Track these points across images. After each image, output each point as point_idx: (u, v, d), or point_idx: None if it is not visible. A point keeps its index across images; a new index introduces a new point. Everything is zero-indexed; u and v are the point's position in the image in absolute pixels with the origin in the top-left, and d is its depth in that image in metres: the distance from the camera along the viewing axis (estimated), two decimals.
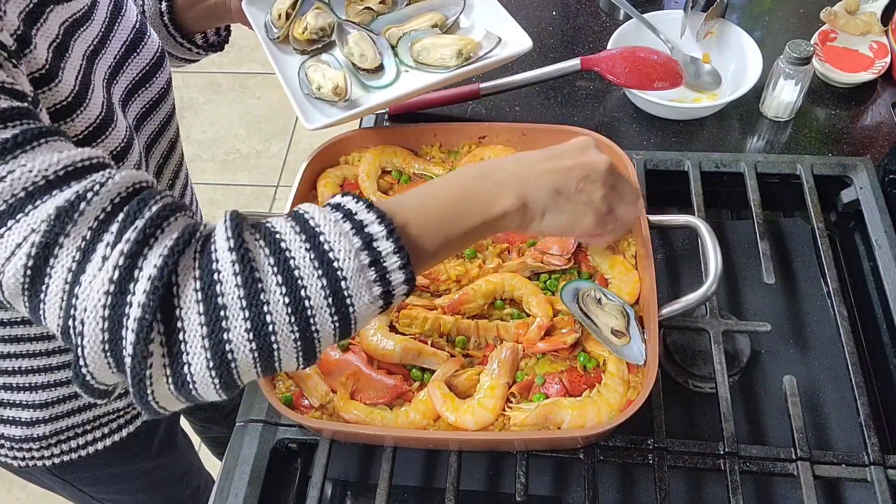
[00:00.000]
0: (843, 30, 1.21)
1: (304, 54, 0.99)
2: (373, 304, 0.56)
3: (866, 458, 0.79)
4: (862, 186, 1.01)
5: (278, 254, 0.53)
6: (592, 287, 0.82)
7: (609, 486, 0.85)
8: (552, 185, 0.65)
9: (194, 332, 0.51)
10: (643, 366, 0.77)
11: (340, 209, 0.57)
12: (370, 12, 0.99)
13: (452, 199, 0.62)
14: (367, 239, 0.55)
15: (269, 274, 0.52)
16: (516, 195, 0.63)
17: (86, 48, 0.74)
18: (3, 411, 0.87)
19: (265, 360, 0.54)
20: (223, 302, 0.51)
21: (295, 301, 0.52)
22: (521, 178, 0.64)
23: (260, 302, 0.52)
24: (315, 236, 0.54)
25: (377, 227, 0.55)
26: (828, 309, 0.96)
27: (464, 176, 0.65)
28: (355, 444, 0.88)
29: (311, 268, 0.53)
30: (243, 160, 2.71)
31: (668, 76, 1.08)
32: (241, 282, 0.51)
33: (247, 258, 0.52)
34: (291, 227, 0.55)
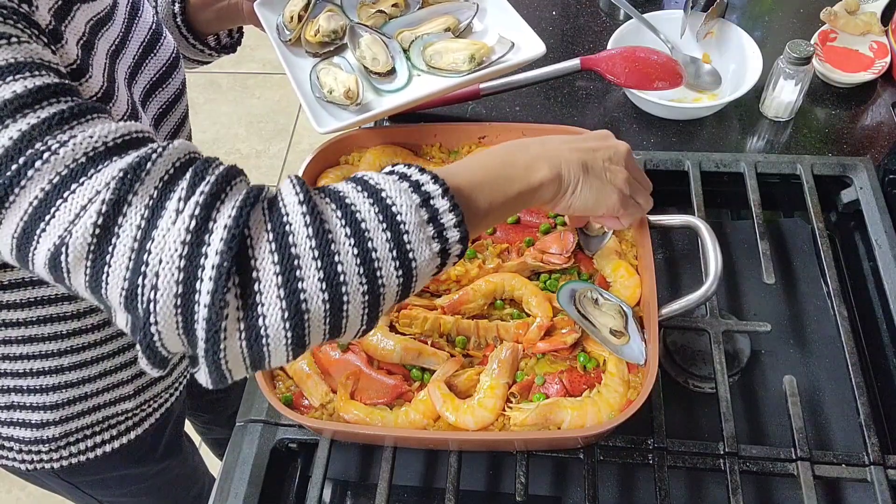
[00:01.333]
0: (843, 30, 1.21)
1: (315, 57, 0.98)
2: (431, 262, 0.57)
3: (866, 458, 0.79)
4: (862, 186, 1.01)
5: (344, 208, 0.55)
6: (589, 287, 0.81)
7: (609, 486, 0.85)
8: (582, 161, 0.69)
9: (269, 281, 0.52)
10: (643, 366, 0.77)
11: (395, 173, 0.59)
12: (383, 15, 0.99)
13: (496, 167, 0.65)
14: (424, 196, 0.57)
15: (337, 226, 0.54)
16: (551, 167, 0.67)
17: (108, 47, 0.74)
18: (12, 414, 0.86)
19: (335, 313, 0.54)
20: (296, 252, 0.52)
21: (363, 252, 0.54)
22: (553, 152, 0.68)
23: (331, 252, 0.53)
24: (377, 192, 0.56)
25: (433, 187, 0.58)
26: (828, 309, 0.96)
27: (503, 148, 0.68)
28: (355, 444, 0.88)
29: (377, 221, 0.55)
30: (243, 160, 2.71)
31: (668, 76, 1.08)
32: (311, 233, 0.53)
33: (316, 211, 0.53)
34: (353, 187, 0.57)
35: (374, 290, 0.55)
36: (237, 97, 2.89)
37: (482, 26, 1.00)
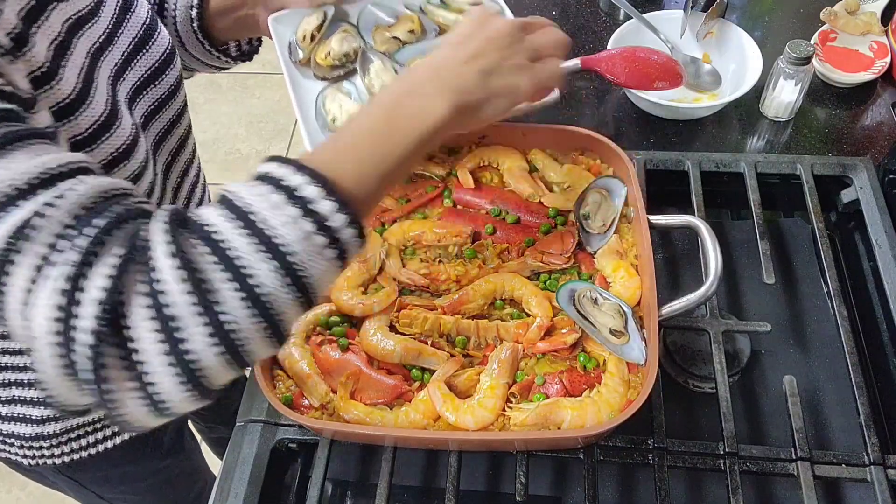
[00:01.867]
0: (843, 30, 1.21)
1: (323, 80, 0.94)
2: (330, 267, 0.54)
3: (866, 458, 0.79)
4: (862, 186, 1.01)
5: (217, 248, 0.51)
6: (589, 287, 0.81)
7: (609, 486, 0.85)
8: (479, 72, 0.63)
9: (152, 349, 0.49)
10: (643, 366, 0.77)
11: (268, 180, 0.54)
12: (397, 42, 0.94)
13: (382, 129, 0.59)
14: (304, 205, 0.52)
15: (213, 271, 0.50)
16: (449, 99, 0.61)
17: (90, 45, 0.74)
18: (13, 409, 0.86)
19: (236, 356, 0.51)
20: (175, 312, 0.49)
21: (248, 292, 0.50)
22: (446, 79, 0.62)
23: (211, 303, 0.49)
24: (249, 218, 0.52)
25: (311, 190, 0.53)
26: (828, 309, 0.96)
27: (386, 100, 0.62)
28: (355, 444, 0.88)
29: (255, 252, 0.51)
30: (243, 160, 2.71)
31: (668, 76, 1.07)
32: (187, 288, 0.49)
33: (187, 260, 0.50)
34: (222, 215, 0.52)
35: (272, 322, 0.52)
36: (237, 97, 2.89)
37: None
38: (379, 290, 0.85)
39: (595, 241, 0.88)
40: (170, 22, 0.96)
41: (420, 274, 0.86)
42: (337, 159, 0.57)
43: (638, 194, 0.87)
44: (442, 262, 0.88)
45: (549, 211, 0.92)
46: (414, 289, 0.86)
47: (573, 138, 0.97)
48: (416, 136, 0.60)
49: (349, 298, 0.84)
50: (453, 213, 0.93)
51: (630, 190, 0.89)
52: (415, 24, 0.94)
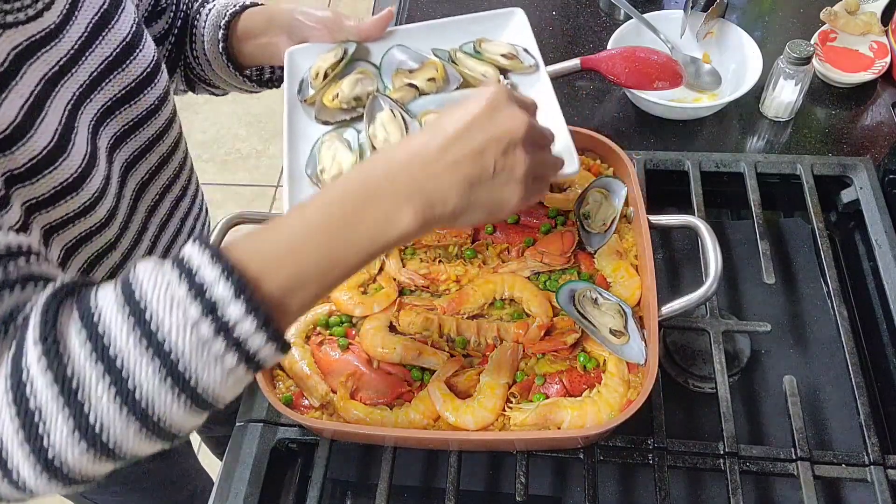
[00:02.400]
0: (843, 30, 1.21)
1: (325, 124, 0.85)
2: (231, 374, 0.48)
3: (866, 458, 0.79)
4: (862, 186, 1.01)
5: (96, 340, 0.46)
6: (588, 287, 0.81)
7: (609, 486, 0.85)
8: (464, 181, 0.54)
9: (11, 439, 0.46)
10: (643, 365, 0.77)
11: (181, 266, 0.48)
12: (413, 90, 0.85)
13: (332, 231, 0.51)
14: (208, 306, 0.46)
15: (86, 367, 0.46)
16: (416, 209, 0.53)
17: (46, 70, 0.70)
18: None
19: (107, 453, 0.48)
20: (35, 405, 0.45)
21: (123, 392, 0.46)
22: (421, 183, 0.53)
23: (78, 401, 0.45)
24: (140, 312, 0.46)
25: (221, 290, 0.47)
26: (828, 309, 0.96)
27: (348, 195, 0.53)
28: (355, 444, 0.88)
29: (137, 352, 0.46)
30: (243, 160, 2.71)
31: (668, 76, 1.08)
32: (49, 380, 0.45)
33: (55, 352, 0.45)
34: (115, 301, 0.47)
35: (150, 423, 0.47)
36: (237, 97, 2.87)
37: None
38: (379, 290, 0.85)
39: (595, 240, 0.88)
40: (199, 42, 0.94)
41: (420, 274, 0.86)
42: (272, 254, 0.50)
43: (638, 194, 0.87)
44: (442, 262, 0.88)
45: (549, 211, 0.92)
46: (414, 289, 0.86)
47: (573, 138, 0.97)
48: (371, 244, 0.52)
49: (349, 298, 0.84)
50: None
51: (630, 190, 0.89)
52: (438, 72, 0.85)
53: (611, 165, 0.95)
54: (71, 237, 0.75)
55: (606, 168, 0.95)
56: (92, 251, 0.79)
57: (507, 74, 0.86)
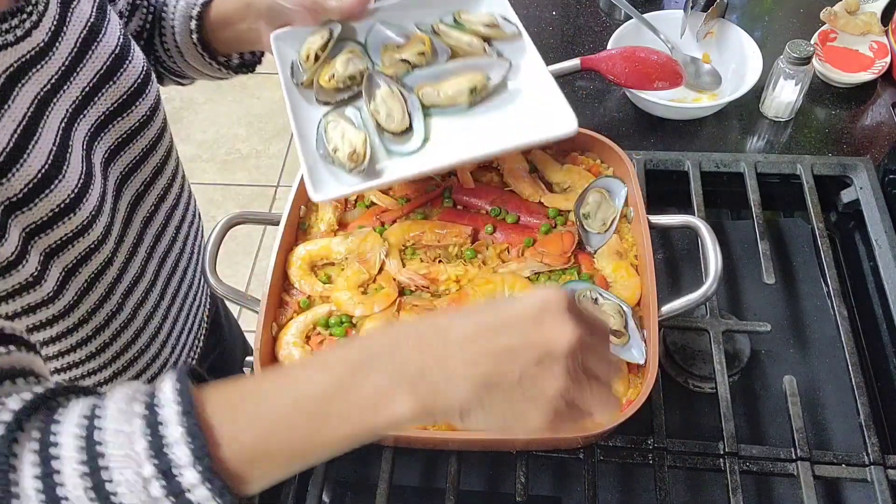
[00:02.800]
0: (843, 30, 1.21)
1: (326, 105, 0.86)
2: None
3: (866, 458, 0.79)
4: (862, 186, 1.01)
5: (47, 477, 0.45)
6: (588, 287, 0.81)
7: (609, 486, 0.85)
8: (479, 378, 0.46)
9: None
10: (643, 365, 0.77)
11: (149, 414, 0.46)
12: (405, 65, 0.87)
13: (315, 401, 0.47)
14: (164, 466, 0.45)
15: (33, 499, 0.46)
16: (415, 394, 0.46)
17: (38, 90, 0.69)
18: None
19: None
20: None
21: None
22: (426, 366, 0.47)
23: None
24: (95, 457, 0.46)
25: (181, 452, 0.45)
26: (828, 309, 0.96)
27: (343, 359, 0.48)
28: None
29: (85, 499, 0.45)
30: (243, 160, 2.71)
31: (668, 76, 1.08)
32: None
33: (3, 483, 0.45)
34: (74, 440, 0.46)
35: None
36: (237, 97, 2.89)
37: (513, 87, 0.86)
38: (379, 290, 0.85)
39: (595, 240, 0.88)
40: (168, 31, 0.93)
41: (420, 274, 0.86)
42: (237, 420, 0.47)
43: (638, 194, 0.87)
44: (442, 262, 0.88)
45: (549, 211, 0.92)
46: (414, 289, 0.86)
47: (573, 138, 0.96)
48: (355, 426, 0.47)
49: (349, 298, 0.84)
50: (453, 213, 0.93)
51: (630, 190, 0.89)
52: (426, 45, 0.87)
53: (611, 165, 0.95)
54: (70, 258, 0.74)
55: (606, 168, 0.95)
56: (91, 270, 0.77)
57: (490, 43, 0.87)
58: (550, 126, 0.80)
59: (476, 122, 0.85)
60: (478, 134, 0.83)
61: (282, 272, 0.89)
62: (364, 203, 0.95)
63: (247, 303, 0.85)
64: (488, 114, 0.85)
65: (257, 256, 2.45)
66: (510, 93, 0.86)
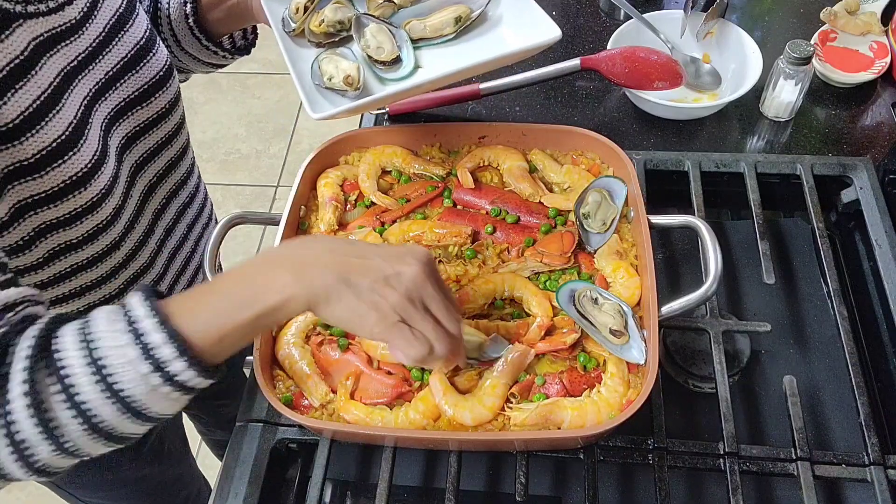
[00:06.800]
0: (843, 30, 1.21)
1: (319, 47, 0.95)
2: (177, 402, 0.61)
3: (866, 458, 0.79)
4: (862, 186, 1.01)
5: (67, 390, 0.57)
6: (588, 287, 0.81)
7: (609, 486, 0.85)
8: (341, 273, 0.62)
9: (5, 457, 0.58)
10: (643, 365, 0.77)
11: (132, 329, 0.59)
12: (391, 5, 0.95)
13: (234, 296, 0.62)
14: (156, 363, 0.58)
15: (61, 410, 0.58)
16: (296, 281, 0.61)
17: (65, 64, 0.72)
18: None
19: (80, 457, 0.61)
20: (22, 437, 0.57)
21: (92, 426, 0.59)
22: (306, 262, 0.62)
23: (56, 435, 0.58)
24: (101, 368, 0.58)
25: (167, 350, 0.58)
26: (828, 309, 0.96)
27: (253, 264, 0.64)
28: (355, 444, 0.88)
29: (101, 398, 0.58)
30: (243, 160, 2.71)
31: (668, 76, 1.08)
32: (35, 422, 0.57)
33: (37, 401, 0.57)
34: (80, 358, 0.58)
35: (115, 438, 0.61)
36: (237, 97, 2.89)
37: (495, 15, 0.95)
38: None
39: (595, 240, 0.88)
40: (164, 21, 0.95)
41: None
42: (200, 320, 0.61)
43: (638, 194, 0.87)
44: (442, 262, 0.88)
45: (549, 211, 0.92)
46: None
47: (573, 138, 0.97)
48: (255, 308, 0.61)
49: None
50: (453, 213, 0.93)
51: (630, 190, 0.89)
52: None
53: (611, 165, 0.95)
54: (76, 234, 0.76)
55: (606, 168, 0.95)
56: (96, 250, 0.79)
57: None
58: (535, 36, 0.87)
59: (463, 49, 0.94)
60: (466, 57, 0.89)
61: None
62: (364, 203, 0.95)
63: None
64: (474, 40, 0.95)
65: None
66: (493, 20, 0.95)
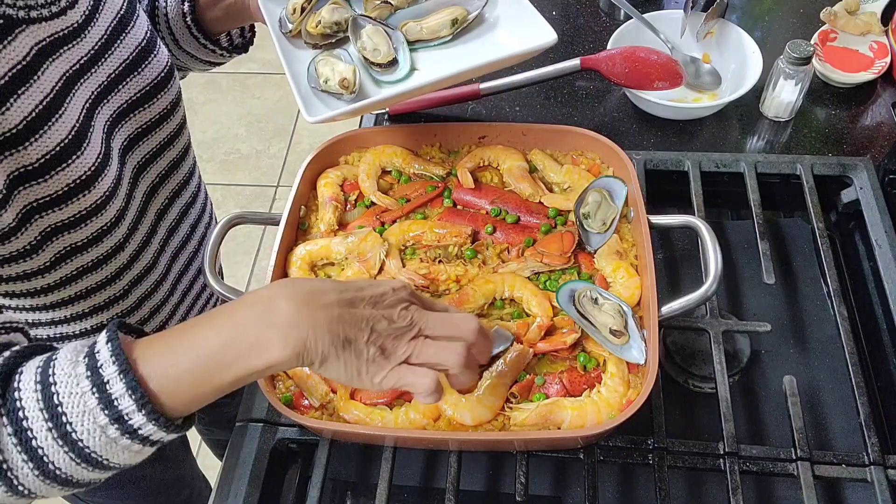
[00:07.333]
0: (843, 30, 1.21)
1: (315, 48, 0.95)
2: (139, 454, 0.60)
3: (866, 458, 0.79)
4: (862, 186, 1.01)
5: (20, 433, 0.56)
6: (588, 287, 0.81)
7: (609, 486, 0.85)
8: (334, 332, 0.58)
9: None
10: (643, 365, 0.77)
11: (93, 375, 0.56)
12: (388, 7, 0.95)
13: (213, 349, 0.57)
14: (115, 415, 0.56)
15: (13, 452, 0.56)
16: (286, 342, 0.57)
17: (67, 68, 0.72)
18: None
19: (32, 497, 0.60)
20: None
21: (45, 472, 0.57)
22: (298, 320, 0.57)
23: (8, 477, 0.57)
24: (57, 416, 0.56)
25: (127, 402, 0.56)
26: (828, 309, 0.96)
27: (236, 317, 0.59)
28: (355, 444, 0.88)
29: (55, 446, 0.56)
30: (243, 160, 2.71)
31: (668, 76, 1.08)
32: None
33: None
34: (36, 401, 0.56)
35: (70, 484, 0.59)
36: (237, 97, 2.89)
37: (492, 17, 0.95)
38: None
39: (595, 240, 0.88)
40: (161, 20, 0.95)
41: (420, 274, 0.86)
42: (169, 376, 0.57)
43: (638, 194, 0.87)
44: (442, 262, 0.88)
45: (549, 211, 0.92)
46: (414, 289, 0.86)
47: (573, 138, 0.97)
48: (237, 370, 0.58)
49: None
50: (453, 213, 0.93)
51: (630, 190, 0.89)
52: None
53: (611, 165, 0.95)
54: (81, 237, 0.76)
55: (606, 168, 0.95)
56: (101, 252, 0.79)
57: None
58: (531, 39, 0.88)
59: (460, 51, 0.94)
60: (462, 60, 0.90)
61: (282, 272, 0.89)
62: (364, 203, 0.95)
63: None
64: (471, 42, 0.95)
65: (257, 256, 2.45)
66: (490, 23, 0.96)
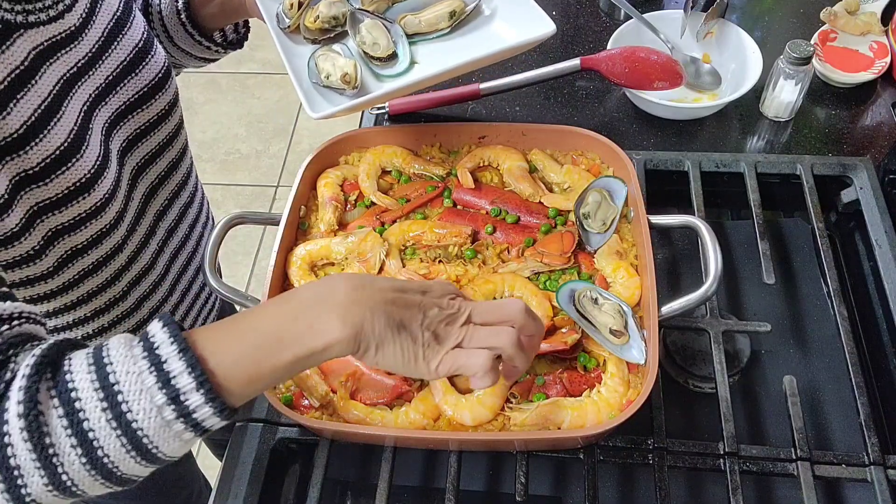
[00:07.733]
0: (843, 30, 1.21)
1: (314, 43, 0.95)
2: (187, 443, 0.57)
3: (866, 458, 0.79)
4: (862, 186, 1.01)
5: (72, 415, 0.53)
6: (588, 287, 0.81)
7: (609, 486, 0.85)
8: (390, 315, 0.59)
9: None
10: (643, 365, 0.77)
11: (150, 355, 0.54)
12: (385, 0, 0.96)
13: (272, 329, 0.57)
14: (173, 394, 0.53)
15: (61, 436, 0.53)
16: (346, 323, 0.57)
17: (65, 71, 0.72)
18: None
19: (72, 494, 0.56)
20: (16, 463, 0.53)
21: (92, 460, 0.54)
22: (359, 303, 0.58)
23: (53, 464, 0.53)
24: (113, 395, 0.53)
25: (186, 380, 0.53)
26: (828, 309, 0.96)
27: (294, 299, 0.59)
28: (355, 444, 0.88)
29: (108, 428, 0.53)
30: (243, 160, 2.71)
31: (668, 76, 1.08)
32: (31, 446, 0.52)
33: (35, 424, 0.52)
34: (90, 381, 0.54)
35: (114, 478, 0.56)
36: (237, 97, 2.89)
37: (489, 9, 0.96)
38: None
39: (595, 240, 0.88)
40: (155, 17, 0.95)
41: (420, 274, 0.86)
42: (219, 351, 0.56)
43: (638, 194, 0.87)
44: (442, 262, 0.88)
45: (549, 211, 0.92)
46: None
47: (573, 138, 0.97)
48: (296, 350, 0.57)
49: None
50: (453, 213, 0.93)
51: (630, 190, 0.89)
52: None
53: (611, 165, 0.95)
54: (81, 239, 0.76)
55: (606, 168, 0.95)
56: (100, 254, 0.79)
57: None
58: (529, 30, 0.88)
59: (459, 44, 0.94)
60: (462, 53, 0.90)
61: (282, 272, 0.89)
62: (364, 203, 0.95)
63: (247, 303, 0.86)
64: (469, 35, 0.95)
65: (257, 256, 2.45)
66: (487, 14, 0.96)
